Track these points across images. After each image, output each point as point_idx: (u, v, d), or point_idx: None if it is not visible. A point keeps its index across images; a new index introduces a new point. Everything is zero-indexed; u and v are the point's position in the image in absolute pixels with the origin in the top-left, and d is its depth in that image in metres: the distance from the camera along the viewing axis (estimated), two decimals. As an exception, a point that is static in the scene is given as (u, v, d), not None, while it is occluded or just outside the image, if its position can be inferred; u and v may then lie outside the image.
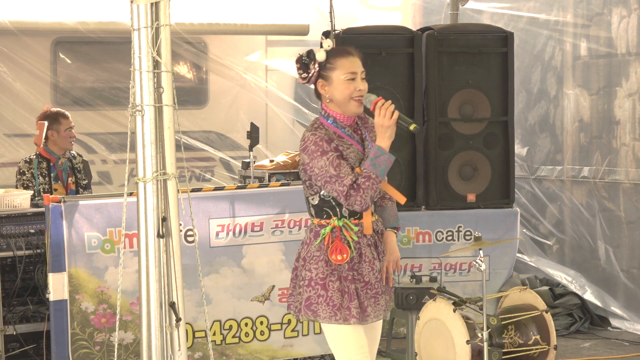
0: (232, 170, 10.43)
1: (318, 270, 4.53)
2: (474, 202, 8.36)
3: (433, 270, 8.18)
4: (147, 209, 4.28)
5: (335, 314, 4.48)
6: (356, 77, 4.53)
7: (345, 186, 4.43)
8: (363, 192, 4.42)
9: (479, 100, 8.38)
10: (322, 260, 4.53)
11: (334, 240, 4.51)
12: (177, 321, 4.32)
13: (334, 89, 4.55)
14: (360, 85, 4.53)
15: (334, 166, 4.45)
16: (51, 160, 7.66)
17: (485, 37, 8.43)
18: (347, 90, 4.52)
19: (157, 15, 4.24)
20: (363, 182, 4.42)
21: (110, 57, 10.19)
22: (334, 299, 4.49)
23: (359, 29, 8.59)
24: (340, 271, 4.52)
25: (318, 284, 4.51)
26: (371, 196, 4.44)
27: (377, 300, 4.56)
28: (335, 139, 4.53)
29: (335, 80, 4.54)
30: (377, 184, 4.44)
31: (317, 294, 4.51)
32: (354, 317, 4.48)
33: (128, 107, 4.29)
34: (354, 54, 4.58)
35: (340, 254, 4.49)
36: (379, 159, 4.43)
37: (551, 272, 9.25)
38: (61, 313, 6.38)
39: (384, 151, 4.43)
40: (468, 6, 9.79)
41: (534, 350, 6.53)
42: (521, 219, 8.84)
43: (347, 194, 4.43)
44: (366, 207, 4.46)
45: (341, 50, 4.59)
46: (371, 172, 4.42)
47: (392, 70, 8.22)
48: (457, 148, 8.36)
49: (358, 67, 4.55)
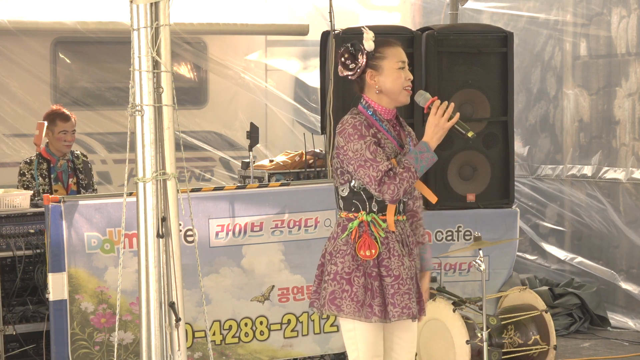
0: (232, 170, 10.43)
1: (345, 264, 4.42)
2: (473, 202, 8.36)
3: (433, 270, 8.18)
4: (146, 209, 4.28)
5: (358, 310, 4.38)
6: (405, 66, 4.50)
7: (380, 171, 4.35)
8: (399, 181, 4.34)
9: (478, 100, 8.37)
10: (349, 254, 4.43)
11: (361, 235, 4.43)
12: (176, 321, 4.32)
13: (385, 78, 4.50)
14: (409, 75, 4.51)
15: (371, 151, 4.37)
16: (51, 161, 7.65)
17: (485, 37, 8.43)
18: (400, 79, 4.49)
19: (157, 15, 4.24)
20: (401, 172, 4.35)
21: (109, 57, 10.19)
22: (358, 294, 4.38)
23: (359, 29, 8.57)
24: (365, 267, 4.42)
25: (343, 279, 4.41)
26: (405, 188, 4.36)
27: (410, 297, 4.41)
28: (373, 128, 4.47)
29: (386, 69, 4.49)
30: (414, 179, 4.37)
31: (341, 289, 4.41)
32: (375, 314, 4.38)
33: (128, 107, 4.29)
34: (399, 43, 4.54)
35: (369, 249, 4.40)
36: (424, 154, 4.37)
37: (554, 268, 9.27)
38: (61, 313, 6.38)
39: (430, 148, 4.38)
40: (468, 6, 9.78)
41: (533, 350, 6.53)
42: (521, 219, 8.84)
43: (381, 180, 4.35)
44: (397, 199, 4.37)
45: (386, 40, 4.52)
46: (412, 164, 4.35)
47: (391, 70, 8.21)
48: (456, 148, 8.35)
49: (405, 57, 4.52)
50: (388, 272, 4.41)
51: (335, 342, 7.00)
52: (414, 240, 4.58)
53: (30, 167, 7.61)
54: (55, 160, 7.65)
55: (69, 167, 7.70)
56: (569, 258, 9.49)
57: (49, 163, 7.65)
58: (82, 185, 7.70)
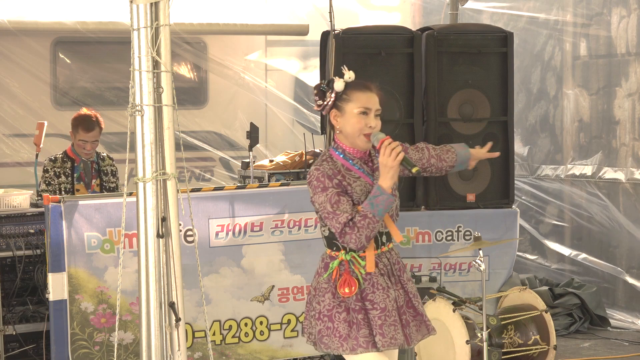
0: (232, 170, 10.43)
1: (325, 302, 4.54)
2: (473, 202, 8.36)
3: (433, 270, 8.18)
4: (146, 209, 4.28)
5: (342, 344, 4.48)
6: (369, 113, 4.49)
7: (340, 224, 4.42)
8: (358, 230, 4.40)
9: (478, 100, 8.38)
10: (329, 292, 4.54)
11: (342, 274, 4.52)
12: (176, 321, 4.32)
13: (345, 121, 4.52)
14: (371, 122, 4.49)
15: (332, 203, 4.43)
16: (75, 160, 7.70)
17: (485, 37, 8.43)
18: (359, 124, 4.49)
19: (157, 15, 4.24)
20: (359, 221, 4.40)
21: (109, 57, 10.19)
22: (340, 329, 4.49)
23: (359, 29, 8.58)
24: (348, 302, 4.52)
25: (325, 316, 4.53)
26: (367, 235, 4.41)
27: (396, 328, 4.50)
28: (341, 172, 4.52)
29: (348, 112, 4.50)
30: (374, 224, 4.41)
31: (325, 326, 4.53)
32: (360, 346, 4.46)
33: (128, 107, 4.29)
34: (373, 90, 4.54)
35: (349, 286, 4.48)
36: (378, 198, 4.40)
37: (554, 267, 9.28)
38: (61, 313, 6.38)
39: (384, 191, 4.40)
40: (467, 6, 9.79)
41: (533, 350, 6.53)
42: (521, 219, 8.84)
43: (342, 231, 4.42)
44: (361, 246, 4.45)
45: (360, 84, 4.54)
46: (368, 211, 4.39)
47: (391, 70, 8.21)
48: (456, 148, 8.35)
49: (373, 104, 4.51)
50: (373, 305, 4.50)
51: (335, 342, 7.00)
52: (401, 267, 4.65)
53: (54, 164, 7.66)
54: (79, 160, 7.70)
55: (93, 169, 7.73)
56: (573, 254, 9.49)
57: (72, 162, 7.69)
58: (107, 187, 7.72)
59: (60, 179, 7.65)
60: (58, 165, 7.66)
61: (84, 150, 7.65)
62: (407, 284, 4.62)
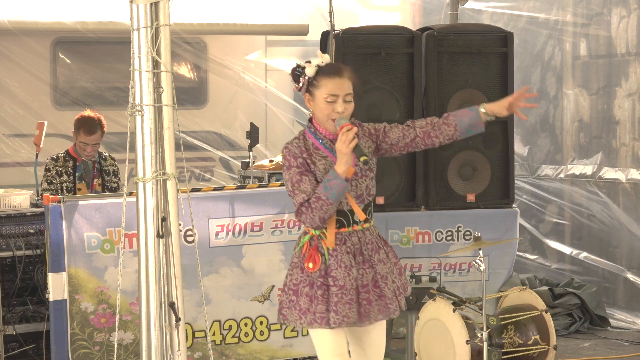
0: (232, 170, 10.43)
1: (293, 276, 4.67)
2: (473, 202, 8.36)
3: (433, 270, 8.18)
4: (146, 209, 4.29)
5: (300, 317, 4.61)
6: (337, 100, 4.59)
7: (297, 203, 4.57)
8: (312, 211, 4.53)
9: (478, 100, 8.35)
10: (298, 267, 4.67)
11: (310, 249, 4.64)
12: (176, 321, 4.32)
13: (315, 106, 4.64)
14: (339, 108, 4.58)
15: (293, 182, 4.58)
16: (77, 159, 7.71)
17: (485, 37, 8.43)
18: (326, 110, 4.60)
19: (157, 15, 4.25)
20: (313, 202, 4.53)
21: (109, 57, 10.18)
22: (301, 304, 4.61)
23: (359, 29, 8.58)
24: (313, 277, 4.62)
25: (291, 290, 4.66)
26: (320, 216, 4.53)
27: (351, 307, 4.58)
28: (309, 151, 4.63)
29: (317, 98, 4.61)
30: (328, 206, 4.51)
31: (288, 299, 4.65)
32: (316, 322, 4.58)
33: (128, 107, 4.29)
34: (344, 75, 4.62)
35: (313, 262, 4.61)
36: (331, 182, 4.51)
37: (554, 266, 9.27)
38: (61, 313, 6.38)
39: (338, 176, 4.50)
40: (467, 6, 9.79)
41: (533, 350, 6.53)
42: (521, 218, 8.84)
43: (299, 210, 4.57)
44: (315, 226, 4.57)
45: (331, 69, 4.63)
46: (322, 193, 4.51)
47: (391, 70, 8.21)
48: (456, 148, 8.35)
49: (341, 90, 4.59)
50: (334, 282, 4.59)
51: (335, 342, 7.00)
52: (375, 247, 4.70)
53: (56, 163, 7.66)
54: (81, 159, 7.70)
55: (95, 169, 7.73)
56: (574, 253, 9.49)
57: (74, 161, 7.70)
58: (108, 187, 7.72)
59: (62, 178, 7.66)
60: (60, 164, 7.67)
61: (84, 152, 7.66)
62: (377, 265, 4.69)
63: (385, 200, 8.19)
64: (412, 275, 7.17)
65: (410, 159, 8.30)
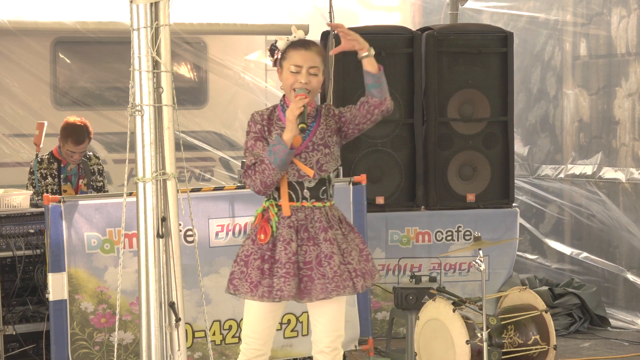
0: (232, 170, 10.43)
1: (245, 247, 4.79)
2: (473, 202, 8.36)
3: (433, 270, 8.18)
4: (146, 209, 4.28)
5: (251, 290, 4.71)
6: (301, 71, 4.74)
7: (246, 165, 4.76)
8: (255, 174, 4.71)
9: (478, 100, 8.38)
10: (250, 238, 4.80)
11: (262, 221, 4.78)
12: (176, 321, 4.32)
13: (282, 78, 4.80)
14: (302, 79, 4.72)
15: (247, 146, 4.78)
16: (62, 161, 7.70)
17: (485, 37, 8.43)
18: (289, 80, 4.76)
19: (157, 15, 4.24)
20: (258, 165, 4.70)
21: (109, 57, 10.18)
22: (252, 276, 4.71)
23: (359, 29, 8.58)
24: (263, 250, 4.73)
25: (242, 260, 4.77)
26: (261, 180, 4.69)
27: (286, 280, 4.66)
28: (271, 121, 4.79)
29: (285, 69, 4.78)
30: (270, 171, 4.66)
31: (240, 270, 4.76)
32: (264, 295, 4.69)
33: (128, 107, 4.29)
34: (311, 49, 4.79)
35: (264, 233, 4.74)
36: (275, 147, 4.65)
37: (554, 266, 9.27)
38: (60, 313, 6.38)
39: (282, 141, 4.64)
40: (467, 6, 9.79)
41: (533, 350, 6.53)
42: (521, 218, 8.84)
43: (245, 173, 4.75)
44: (257, 190, 4.75)
45: (299, 42, 4.80)
46: (266, 157, 4.67)
47: (391, 70, 8.21)
48: (456, 148, 8.36)
49: (306, 62, 4.74)
50: (274, 255, 4.72)
51: (335, 342, 7.00)
52: (323, 227, 4.76)
53: (40, 166, 7.65)
54: (67, 162, 7.69)
55: (80, 169, 7.73)
56: (574, 253, 9.49)
57: (59, 163, 7.69)
58: (94, 187, 7.71)
59: (46, 180, 7.65)
60: (44, 167, 7.65)
61: (71, 158, 7.67)
62: (322, 244, 4.74)
63: (385, 200, 8.20)
64: (412, 275, 7.17)
65: (410, 159, 8.31)
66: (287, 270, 4.68)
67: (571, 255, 9.54)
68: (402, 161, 8.25)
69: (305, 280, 4.71)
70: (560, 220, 9.77)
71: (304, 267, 4.72)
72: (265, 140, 4.75)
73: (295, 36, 4.79)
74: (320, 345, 4.82)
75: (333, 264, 4.72)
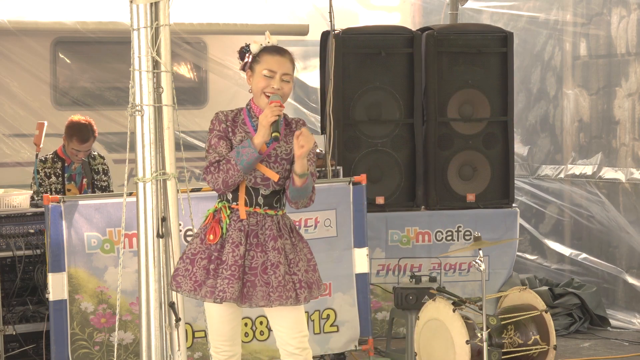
0: (232, 170, 10.40)
1: (192, 245, 4.76)
2: (473, 202, 8.36)
3: (433, 270, 8.18)
4: (146, 209, 4.29)
5: (195, 289, 4.66)
6: (275, 76, 4.75)
7: (209, 162, 4.70)
8: (218, 172, 4.65)
9: (478, 100, 8.38)
10: (198, 237, 4.78)
11: (212, 221, 4.77)
12: (176, 321, 4.33)
13: (253, 81, 4.78)
14: (275, 84, 4.74)
15: (210, 144, 4.73)
16: (66, 160, 7.70)
17: (485, 37, 8.43)
18: (261, 84, 4.75)
19: (157, 15, 4.25)
20: (223, 164, 4.66)
21: (109, 57, 10.17)
22: (197, 275, 4.67)
23: (359, 29, 8.59)
24: (211, 250, 4.71)
25: (188, 258, 4.72)
26: (224, 179, 4.65)
27: (230, 282, 4.64)
28: (236, 123, 4.77)
29: (256, 72, 4.77)
30: (234, 172, 4.63)
31: (185, 267, 4.69)
32: (206, 295, 4.66)
33: (128, 107, 4.29)
34: (285, 56, 4.82)
35: (214, 234, 4.73)
36: (244, 149, 4.65)
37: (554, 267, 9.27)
38: (61, 313, 6.38)
39: (252, 145, 4.64)
40: (467, 6, 9.79)
41: (533, 350, 6.53)
42: (521, 219, 8.84)
43: (207, 169, 4.69)
44: (217, 188, 4.69)
45: (274, 48, 4.82)
46: (232, 157, 4.65)
47: (391, 70, 8.22)
48: (456, 148, 8.36)
49: (280, 68, 4.76)
50: (221, 256, 4.70)
51: (335, 342, 7.00)
52: (274, 235, 4.76)
53: (44, 165, 7.66)
54: (70, 161, 7.70)
55: (84, 168, 7.73)
56: (574, 254, 9.49)
57: (63, 162, 7.69)
58: (98, 186, 7.71)
59: (50, 180, 7.66)
60: (48, 166, 7.66)
61: (76, 157, 7.67)
62: (270, 252, 4.74)
63: (385, 200, 8.20)
64: (412, 275, 7.17)
65: (410, 159, 8.31)
66: (232, 272, 4.66)
67: (571, 255, 9.54)
68: (402, 161, 8.25)
69: (248, 285, 4.69)
70: (560, 220, 9.77)
71: (249, 272, 4.70)
72: (228, 140, 4.74)
73: (269, 41, 4.80)
74: (289, 348, 4.80)
75: (278, 274, 4.70)
